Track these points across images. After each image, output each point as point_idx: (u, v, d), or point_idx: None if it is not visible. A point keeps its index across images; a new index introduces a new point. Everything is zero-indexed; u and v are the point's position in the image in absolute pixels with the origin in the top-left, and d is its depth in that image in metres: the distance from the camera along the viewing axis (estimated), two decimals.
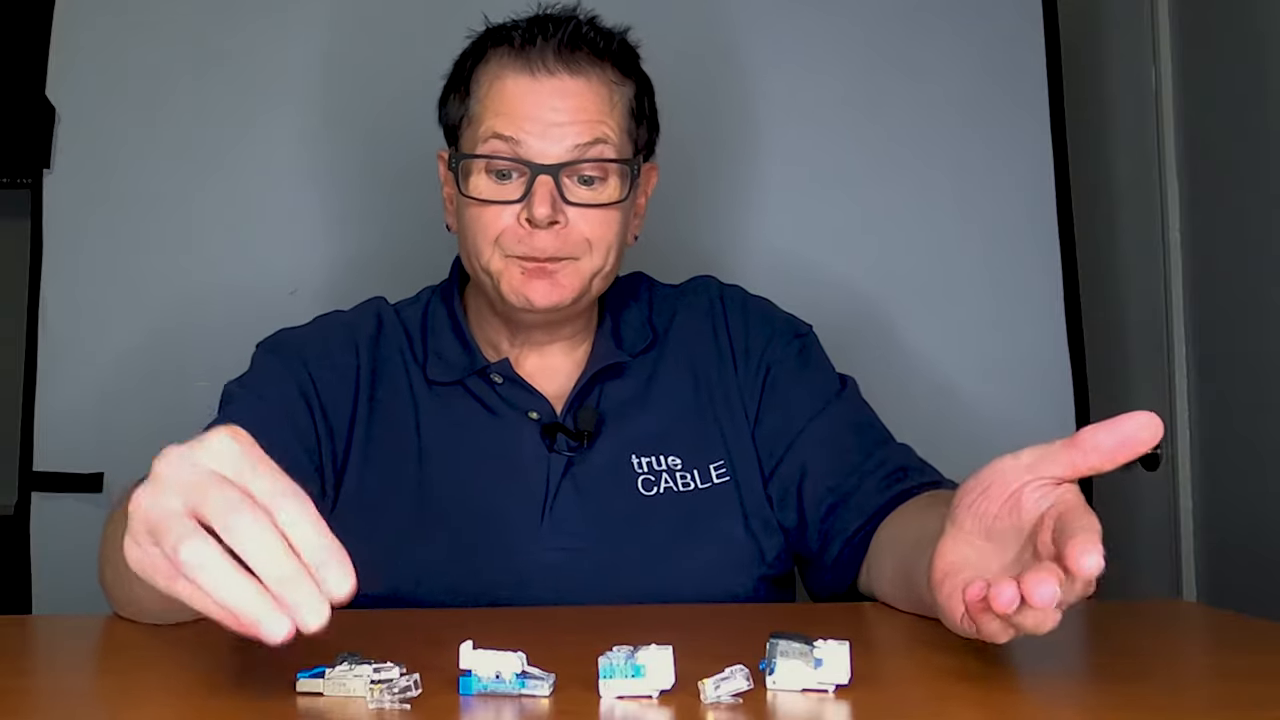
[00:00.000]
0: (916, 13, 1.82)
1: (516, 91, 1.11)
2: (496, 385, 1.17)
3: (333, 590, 0.61)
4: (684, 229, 1.75)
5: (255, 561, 0.61)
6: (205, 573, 0.60)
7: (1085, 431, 0.69)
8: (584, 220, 1.11)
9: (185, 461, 0.63)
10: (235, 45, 1.76)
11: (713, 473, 1.16)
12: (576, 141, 1.10)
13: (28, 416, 1.67)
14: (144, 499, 0.63)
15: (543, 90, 1.11)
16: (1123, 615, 1.00)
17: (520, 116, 1.10)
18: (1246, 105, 1.79)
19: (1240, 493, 1.83)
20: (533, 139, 1.10)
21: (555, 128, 1.10)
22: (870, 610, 1.02)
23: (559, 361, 1.21)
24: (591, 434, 1.15)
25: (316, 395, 1.14)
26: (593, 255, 1.12)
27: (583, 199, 1.11)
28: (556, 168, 1.09)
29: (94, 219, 1.72)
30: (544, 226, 1.09)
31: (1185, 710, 0.70)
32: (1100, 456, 0.68)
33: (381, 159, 1.75)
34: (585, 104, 1.11)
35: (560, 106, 1.10)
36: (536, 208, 1.08)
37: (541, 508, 1.12)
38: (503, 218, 1.11)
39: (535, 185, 1.09)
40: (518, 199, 1.10)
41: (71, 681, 0.74)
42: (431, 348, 1.20)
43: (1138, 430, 0.67)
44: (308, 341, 1.19)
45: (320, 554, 0.62)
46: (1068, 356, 1.78)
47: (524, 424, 1.16)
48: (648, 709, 0.66)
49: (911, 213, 1.80)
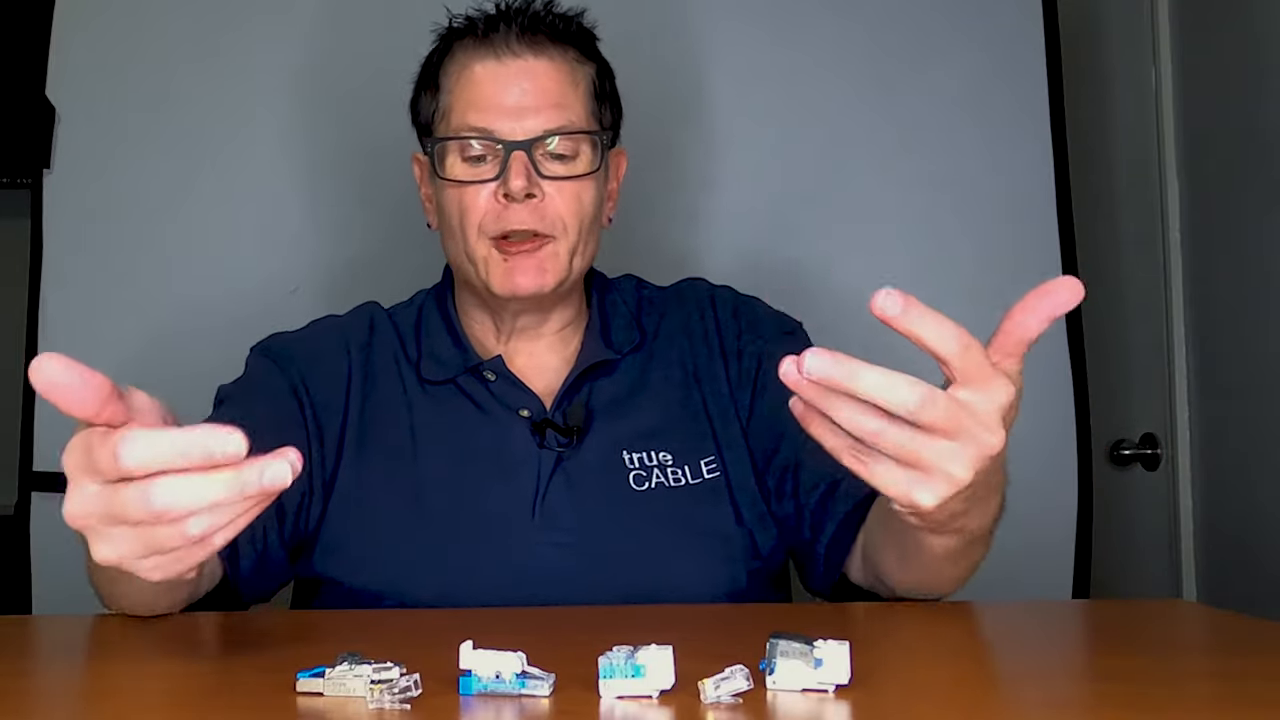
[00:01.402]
0: (916, 12, 1.82)
1: (484, 76, 1.15)
2: (489, 382, 1.19)
3: (228, 448, 0.63)
4: (676, 230, 1.75)
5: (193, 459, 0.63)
6: (183, 492, 0.63)
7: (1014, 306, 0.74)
8: (559, 194, 1.14)
9: (73, 453, 0.66)
10: (235, 45, 1.76)
11: (703, 468, 1.17)
12: (546, 121, 1.13)
13: (28, 416, 1.68)
14: (74, 504, 0.66)
15: (509, 72, 1.15)
16: (1123, 615, 1.00)
17: (490, 101, 1.14)
18: (1246, 105, 1.80)
19: (1240, 493, 1.83)
20: (504, 121, 1.13)
21: (525, 109, 1.13)
22: (870, 610, 1.02)
23: (548, 359, 1.22)
24: (581, 430, 1.16)
25: (308, 398, 1.16)
26: (569, 233, 1.15)
27: (556, 172, 1.14)
28: (529, 142, 1.13)
29: (94, 219, 1.72)
30: (520, 200, 1.12)
31: (1185, 710, 0.70)
32: (1025, 313, 0.73)
33: (382, 159, 1.74)
34: (550, 84, 1.15)
35: (528, 88, 1.14)
36: (512, 180, 1.11)
37: (533, 503, 1.13)
38: (480, 198, 1.14)
39: (510, 161, 1.12)
40: (493, 178, 1.13)
41: (71, 681, 0.74)
42: (425, 347, 1.22)
43: (1057, 290, 0.72)
44: (300, 345, 1.21)
45: (195, 443, 0.63)
46: (1068, 356, 1.78)
47: (515, 421, 1.17)
48: (648, 709, 0.66)
49: (911, 212, 1.80)
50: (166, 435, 0.64)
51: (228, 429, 0.63)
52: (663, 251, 1.73)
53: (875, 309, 0.69)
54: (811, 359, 0.69)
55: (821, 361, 0.69)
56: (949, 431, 0.71)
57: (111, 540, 0.66)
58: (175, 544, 0.65)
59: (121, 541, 0.66)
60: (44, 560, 1.66)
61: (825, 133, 1.80)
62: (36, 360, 0.63)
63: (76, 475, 0.66)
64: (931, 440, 0.71)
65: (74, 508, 0.66)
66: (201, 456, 0.63)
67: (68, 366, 0.64)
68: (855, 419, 0.71)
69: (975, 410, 0.72)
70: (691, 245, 1.76)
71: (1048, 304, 0.73)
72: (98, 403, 0.64)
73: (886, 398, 0.70)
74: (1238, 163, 1.82)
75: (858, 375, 0.69)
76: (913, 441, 0.71)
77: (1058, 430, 1.75)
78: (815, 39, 1.81)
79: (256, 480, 0.63)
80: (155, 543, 0.66)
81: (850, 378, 0.69)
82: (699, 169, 1.78)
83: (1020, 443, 0.75)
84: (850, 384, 0.69)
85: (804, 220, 1.79)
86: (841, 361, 0.69)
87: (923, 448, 0.72)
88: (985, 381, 0.72)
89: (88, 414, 0.65)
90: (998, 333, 0.75)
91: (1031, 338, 0.74)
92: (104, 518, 0.65)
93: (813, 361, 0.69)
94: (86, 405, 0.64)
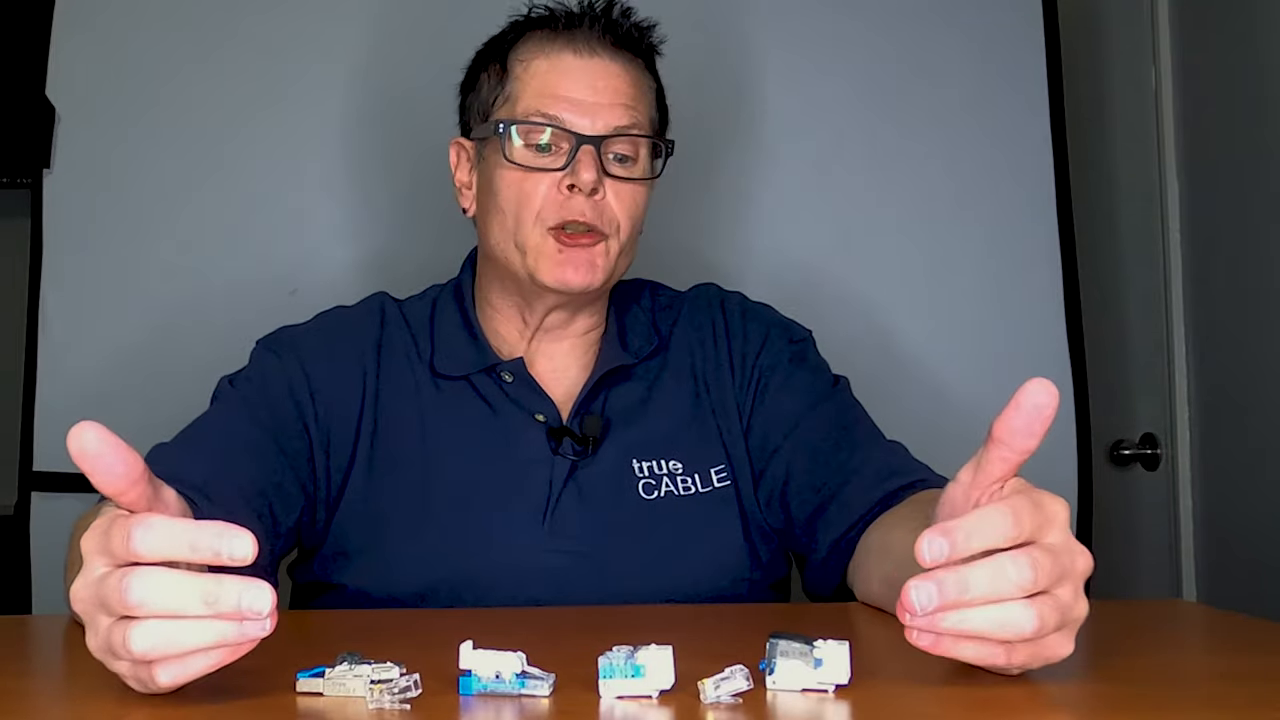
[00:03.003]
0: (916, 13, 1.82)
1: (561, 67, 1.15)
2: (505, 384, 1.18)
3: (235, 551, 0.63)
4: (681, 231, 1.75)
5: (170, 607, 0.63)
6: (163, 637, 0.63)
7: (996, 423, 0.69)
8: (618, 196, 1.14)
9: (93, 534, 0.66)
10: (235, 45, 1.76)
11: (713, 476, 1.17)
12: (617, 120, 1.14)
13: (28, 416, 1.67)
14: (78, 585, 0.66)
15: (586, 69, 1.15)
16: (1123, 615, 1.00)
17: (563, 93, 1.14)
18: (1246, 105, 1.79)
19: (1240, 493, 1.83)
20: (575, 115, 1.13)
21: (597, 105, 1.14)
22: (869, 610, 1.02)
23: (568, 364, 1.21)
24: (597, 440, 1.15)
25: (312, 402, 1.14)
26: (621, 235, 1.15)
27: (619, 173, 1.14)
28: (600, 138, 1.13)
29: (94, 219, 1.72)
30: (586, 193, 1.12)
31: (1185, 710, 0.70)
32: (1020, 437, 0.68)
33: (384, 159, 1.75)
34: (624, 85, 1.16)
35: (601, 86, 1.14)
36: (583, 173, 1.11)
37: (543, 510, 1.13)
38: (541, 186, 1.13)
39: (580, 153, 1.12)
40: (559, 168, 1.13)
41: (71, 681, 0.74)
42: (439, 342, 1.20)
43: (1034, 397, 0.67)
44: (308, 341, 1.19)
45: (206, 539, 0.63)
46: (1068, 356, 1.78)
47: (529, 425, 1.16)
48: (648, 709, 0.66)
49: (911, 213, 1.79)
50: (181, 526, 0.64)
51: (239, 532, 0.63)
52: (661, 253, 1.73)
53: (924, 559, 0.65)
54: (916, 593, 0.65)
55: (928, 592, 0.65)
56: None
57: (97, 632, 0.66)
58: (143, 677, 0.65)
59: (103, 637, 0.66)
60: (44, 560, 1.66)
61: (822, 132, 1.80)
62: (75, 428, 0.63)
63: (90, 556, 0.66)
64: None
65: (79, 589, 0.66)
66: (210, 554, 0.63)
67: (103, 439, 0.63)
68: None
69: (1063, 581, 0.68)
70: (692, 247, 1.76)
71: (1037, 420, 0.67)
72: (127, 481, 0.64)
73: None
74: (1237, 163, 1.82)
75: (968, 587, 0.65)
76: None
77: (1058, 430, 1.73)
78: (813, 39, 1.81)
79: (237, 639, 0.63)
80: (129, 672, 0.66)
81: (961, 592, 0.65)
82: (702, 171, 1.78)
83: None
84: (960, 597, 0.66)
85: (800, 220, 1.79)
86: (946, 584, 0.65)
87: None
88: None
89: (116, 489, 0.64)
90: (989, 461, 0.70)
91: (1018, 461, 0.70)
92: (95, 602, 0.65)
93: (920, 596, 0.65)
94: (117, 481, 0.64)
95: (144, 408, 1.66)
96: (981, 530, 0.66)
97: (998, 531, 0.66)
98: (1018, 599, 0.66)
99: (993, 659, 0.68)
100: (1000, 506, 0.67)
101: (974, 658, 0.68)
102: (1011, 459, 0.68)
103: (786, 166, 1.79)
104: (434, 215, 1.57)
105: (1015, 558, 0.66)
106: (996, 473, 0.69)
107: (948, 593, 0.65)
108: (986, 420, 0.70)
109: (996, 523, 0.66)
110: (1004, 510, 0.66)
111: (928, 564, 0.65)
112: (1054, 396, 0.67)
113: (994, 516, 0.66)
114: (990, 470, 0.69)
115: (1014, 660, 0.68)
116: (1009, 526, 0.66)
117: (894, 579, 0.93)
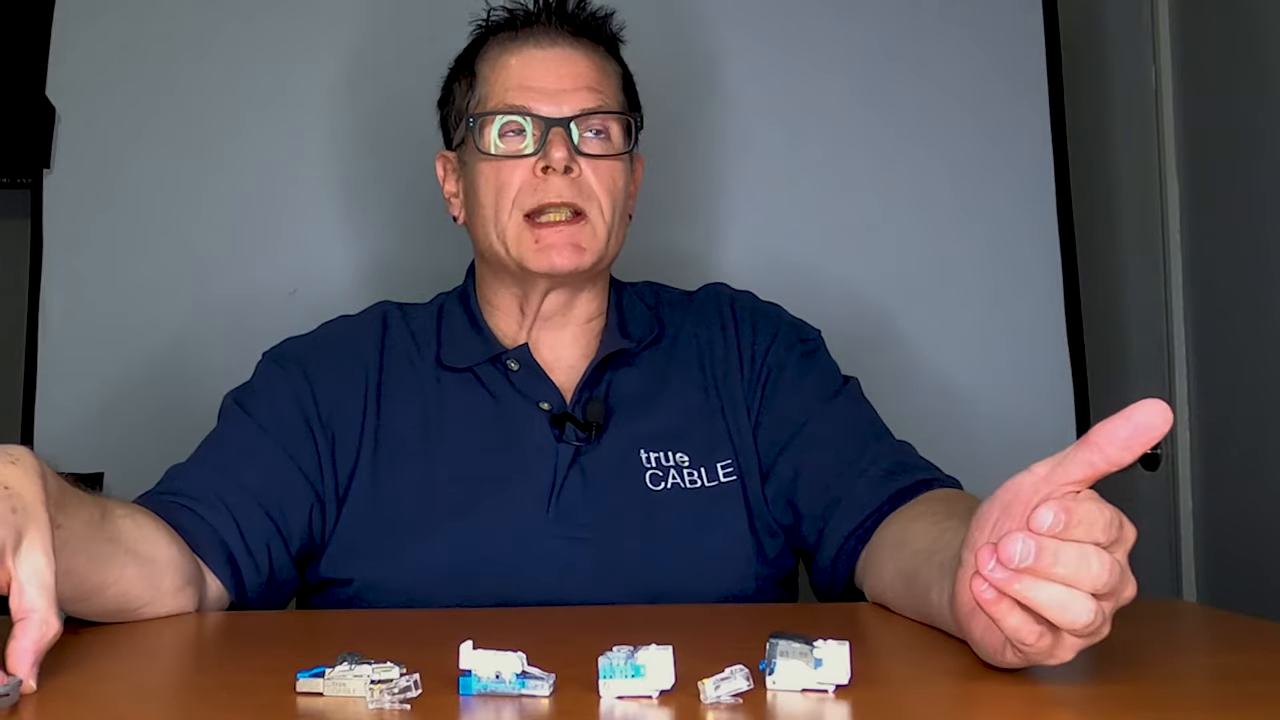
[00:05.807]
0: (916, 12, 1.82)
1: (524, 61, 1.18)
2: (511, 372, 1.19)
3: None
4: (680, 231, 1.75)
5: None
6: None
7: (1097, 427, 0.67)
8: (594, 172, 1.16)
9: None
10: (235, 45, 1.76)
11: (720, 471, 1.17)
12: (583, 102, 1.17)
13: (28, 417, 1.67)
14: None
15: (546, 58, 1.18)
16: (1123, 615, 1.00)
17: (530, 83, 1.17)
18: (1246, 105, 1.80)
19: (1240, 493, 1.83)
20: (542, 102, 1.16)
21: (561, 91, 1.17)
22: (870, 610, 1.02)
23: (571, 351, 1.22)
24: (600, 426, 1.16)
25: (318, 411, 1.16)
26: (604, 212, 1.17)
27: (593, 149, 1.17)
28: (567, 119, 1.15)
29: (94, 219, 1.72)
30: (561, 171, 1.14)
31: (1185, 710, 0.70)
32: (1116, 448, 0.66)
33: (385, 162, 1.75)
34: (587, 70, 1.19)
35: (565, 72, 1.18)
36: (554, 152, 1.14)
37: (548, 496, 1.14)
38: (516, 174, 1.16)
39: (550, 135, 1.15)
40: (531, 153, 1.15)
41: (71, 681, 0.74)
42: (446, 338, 1.22)
43: (1149, 417, 0.66)
44: (313, 352, 1.21)
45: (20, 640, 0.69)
46: (1068, 356, 1.78)
47: (534, 413, 1.17)
48: (648, 709, 0.66)
49: (911, 212, 1.80)
50: (30, 590, 0.70)
51: (21, 668, 0.67)
52: (663, 253, 1.73)
53: (980, 598, 0.67)
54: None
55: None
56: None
57: None
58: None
59: None
60: None
61: (822, 132, 1.80)
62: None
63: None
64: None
65: None
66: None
67: None
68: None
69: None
70: (694, 247, 1.76)
71: (1141, 439, 0.66)
72: None
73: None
74: (1238, 163, 1.82)
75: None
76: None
77: (1057, 429, 1.75)
78: (813, 39, 1.81)
79: None
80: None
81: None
82: (700, 171, 1.78)
83: (1019, 442, 0.75)
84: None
85: (801, 220, 1.79)
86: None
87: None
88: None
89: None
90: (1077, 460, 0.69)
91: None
92: None
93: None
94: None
95: (144, 408, 1.67)
96: (1089, 521, 0.66)
97: (1098, 529, 0.66)
98: (1086, 591, 0.66)
99: (1028, 638, 0.68)
100: (1105, 508, 0.67)
101: (1012, 630, 0.68)
102: (1099, 466, 0.68)
103: (787, 167, 1.79)
104: (434, 215, 1.57)
105: (1101, 554, 0.66)
106: (1077, 474, 0.68)
107: (1043, 558, 0.65)
108: (986, 418, 0.70)
109: (1100, 522, 0.66)
110: (1110, 514, 0.67)
111: (1032, 528, 0.65)
112: (1167, 421, 0.66)
113: (1103, 514, 0.67)
114: (1071, 470, 0.68)
115: (1039, 645, 0.68)
116: (1112, 530, 0.67)
117: (909, 570, 0.94)
